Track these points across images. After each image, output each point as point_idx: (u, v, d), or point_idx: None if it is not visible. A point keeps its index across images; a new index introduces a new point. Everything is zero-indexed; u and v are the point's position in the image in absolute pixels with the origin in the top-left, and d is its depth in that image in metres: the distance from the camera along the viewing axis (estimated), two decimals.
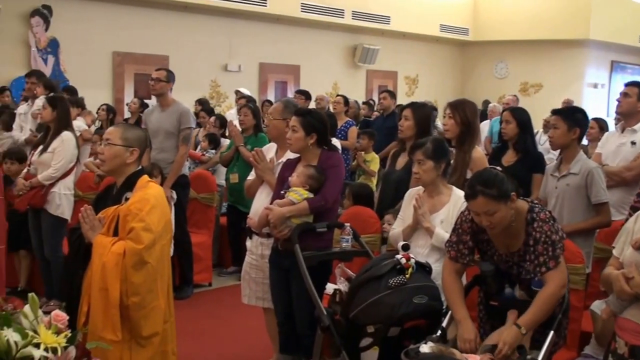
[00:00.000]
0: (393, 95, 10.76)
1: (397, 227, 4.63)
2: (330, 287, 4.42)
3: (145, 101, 11.17)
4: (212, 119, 9.70)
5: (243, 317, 6.37)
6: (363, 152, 9.09)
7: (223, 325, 6.58)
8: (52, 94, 7.34)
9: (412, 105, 5.50)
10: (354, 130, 9.76)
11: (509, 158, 5.83)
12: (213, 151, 8.91)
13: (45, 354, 2.39)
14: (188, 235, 7.27)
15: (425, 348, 3.37)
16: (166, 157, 7.02)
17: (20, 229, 6.83)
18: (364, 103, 13.47)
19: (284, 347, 4.91)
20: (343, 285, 4.31)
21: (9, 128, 8.74)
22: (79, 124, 8.61)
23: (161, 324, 3.88)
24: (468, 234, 3.85)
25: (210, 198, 7.86)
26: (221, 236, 8.55)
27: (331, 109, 10.82)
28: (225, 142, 9.02)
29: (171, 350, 3.99)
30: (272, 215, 4.52)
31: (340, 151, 5.64)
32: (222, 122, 9.60)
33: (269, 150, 5.20)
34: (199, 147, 9.09)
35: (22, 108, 8.83)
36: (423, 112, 5.36)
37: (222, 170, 8.79)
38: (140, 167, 4.06)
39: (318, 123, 4.68)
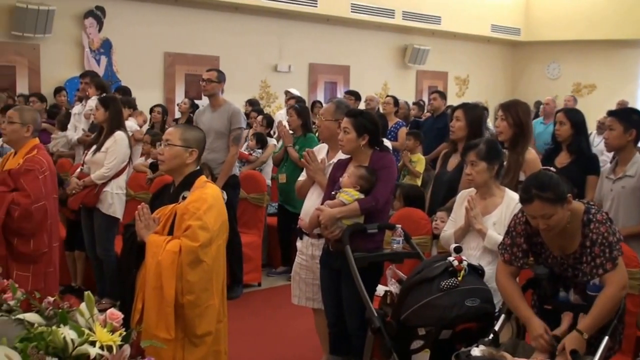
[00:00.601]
0: (443, 95, 10.68)
1: (448, 228, 4.59)
2: (381, 289, 4.41)
3: (196, 101, 11.27)
4: (259, 118, 9.69)
5: (292, 317, 6.38)
6: (409, 153, 9.05)
7: (272, 325, 6.59)
8: (104, 95, 7.44)
9: (464, 106, 5.45)
10: (404, 131, 9.70)
11: (563, 159, 5.75)
12: (260, 151, 8.92)
13: (100, 351, 2.42)
14: (238, 236, 7.30)
15: (477, 351, 3.34)
16: (217, 158, 7.06)
17: (77, 229, 6.95)
18: (414, 104, 13.40)
19: (333, 348, 4.90)
20: (394, 287, 4.29)
21: (64, 128, 8.90)
22: (130, 124, 8.69)
23: (215, 323, 3.92)
24: (522, 237, 3.80)
25: (260, 198, 7.89)
26: (269, 236, 8.58)
27: (381, 110, 10.78)
28: (272, 141, 9.04)
29: (224, 350, 4.03)
30: (323, 216, 4.52)
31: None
32: (269, 121, 9.60)
33: (320, 151, 5.19)
34: (244, 146, 9.13)
35: (76, 108, 8.97)
36: (475, 113, 5.30)
37: (268, 170, 8.84)
38: (198, 167, 4.12)
39: (370, 124, 4.65)
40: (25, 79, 11.70)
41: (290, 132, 7.93)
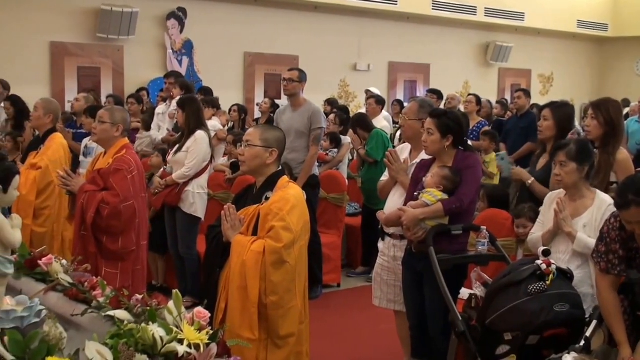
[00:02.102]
0: (528, 94, 10.44)
1: (536, 231, 4.49)
2: (465, 292, 4.36)
3: (276, 101, 11.34)
4: (331, 116, 9.48)
5: (373, 319, 6.36)
6: (483, 153, 8.91)
7: (353, 327, 6.59)
8: (181, 97, 7.54)
9: (552, 105, 5.33)
10: None
11: None
12: (335, 150, 8.90)
13: (188, 349, 2.46)
14: (318, 236, 7.29)
15: (569, 358, 3.27)
16: (296, 157, 7.07)
17: (155, 231, 7.07)
18: (497, 102, 13.21)
19: (415, 352, 4.86)
20: (479, 290, 4.24)
21: (148, 127, 9.08)
22: (214, 123, 8.79)
23: (297, 324, 3.95)
24: (617, 243, 3.68)
25: (340, 198, 7.89)
26: (348, 236, 8.57)
27: (462, 109, 10.66)
28: (347, 139, 8.97)
29: (305, 351, 4.05)
30: (406, 217, 4.48)
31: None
32: (342, 120, 9.50)
33: (403, 150, 5.16)
34: None
35: (160, 108, 9.14)
36: (564, 112, 5.19)
37: (345, 169, 8.87)
38: (280, 168, 4.14)
39: (454, 124, 4.60)
40: (109, 80, 12.04)
41: None
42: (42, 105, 6.45)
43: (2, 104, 9.32)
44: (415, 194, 4.59)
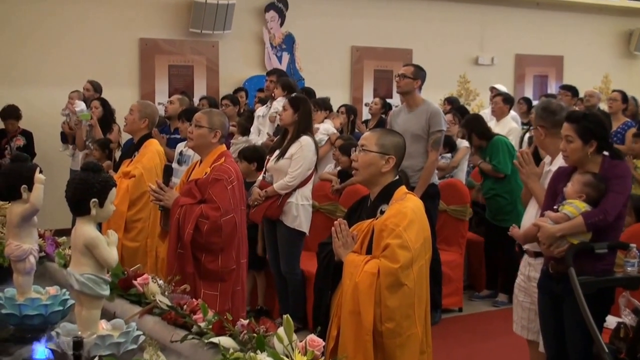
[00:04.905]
0: None
1: None
2: (612, 320, 4.24)
3: (388, 101, 11.28)
4: (449, 116, 9.36)
5: (500, 348, 6.28)
6: (634, 158, 8.63)
7: (476, 357, 6.50)
8: (295, 95, 7.52)
9: None
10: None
11: None
12: (449, 155, 8.78)
13: None
14: (437, 253, 7.18)
15: None
16: (413, 164, 6.98)
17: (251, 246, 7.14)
18: None
19: None
20: (629, 318, 4.13)
21: (245, 131, 9.13)
22: (327, 127, 8.74)
23: (418, 354, 3.90)
24: None
25: (463, 211, 7.78)
26: (470, 254, 8.45)
27: (602, 107, 10.40)
28: (464, 143, 8.82)
29: None
30: (541, 235, 4.39)
31: None
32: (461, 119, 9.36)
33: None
34: None
35: (260, 110, 9.16)
36: None
37: (462, 176, 8.84)
38: (397, 177, 4.11)
39: (597, 127, 4.46)
40: (203, 79, 12.26)
41: None
42: (138, 108, 6.54)
43: (90, 105, 9.65)
44: (555, 207, 4.48)
